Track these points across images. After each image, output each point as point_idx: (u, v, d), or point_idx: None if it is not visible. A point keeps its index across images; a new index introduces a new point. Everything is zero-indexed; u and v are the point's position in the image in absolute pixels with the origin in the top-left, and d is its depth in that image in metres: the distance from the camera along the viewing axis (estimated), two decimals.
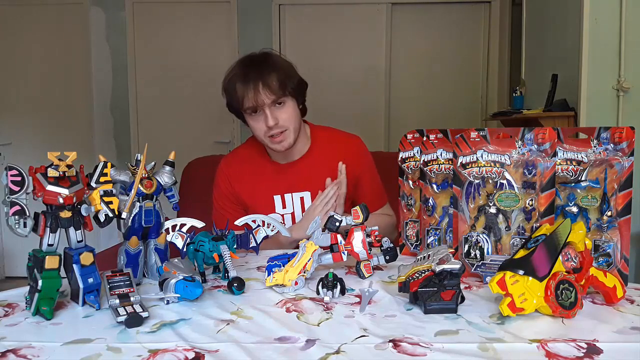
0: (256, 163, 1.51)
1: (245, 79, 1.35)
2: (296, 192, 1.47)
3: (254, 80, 1.34)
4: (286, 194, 1.47)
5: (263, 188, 1.48)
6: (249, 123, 1.42)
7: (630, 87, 2.26)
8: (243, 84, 1.35)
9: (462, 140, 1.02)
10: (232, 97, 1.38)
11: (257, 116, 1.38)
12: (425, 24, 3.87)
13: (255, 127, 1.40)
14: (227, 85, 1.40)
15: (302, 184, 1.47)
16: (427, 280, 0.83)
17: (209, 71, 3.88)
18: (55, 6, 3.88)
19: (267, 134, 1.38)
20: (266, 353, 0.68)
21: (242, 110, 1.39)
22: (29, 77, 3.94)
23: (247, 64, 1.40)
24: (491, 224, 1.00)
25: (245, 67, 1.39)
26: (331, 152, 1.50)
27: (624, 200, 0.94)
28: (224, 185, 1.52)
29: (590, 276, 0.84)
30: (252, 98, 1.34)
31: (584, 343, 0.69)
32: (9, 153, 3.94)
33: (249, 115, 1.39)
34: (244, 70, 1.37)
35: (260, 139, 1.42)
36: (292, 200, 1.47)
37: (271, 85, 1.34)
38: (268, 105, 1.35)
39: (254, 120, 1.39)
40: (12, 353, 0.69)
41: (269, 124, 1.35)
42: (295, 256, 0.98)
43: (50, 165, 0.83)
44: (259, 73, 1.35)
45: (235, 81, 1.37)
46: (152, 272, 1.03)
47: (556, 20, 2.68)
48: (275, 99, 1.36)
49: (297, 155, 1.49)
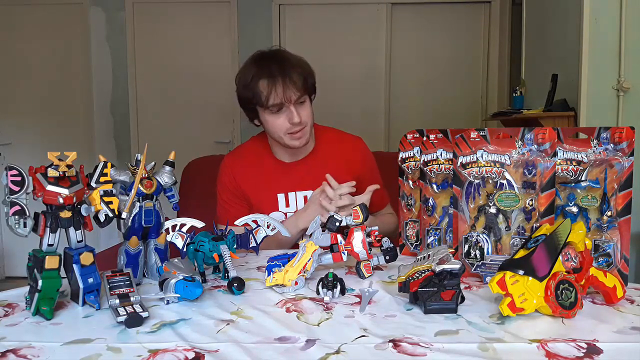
0: (261, 161, 1.51)
1: (271, 75, 1.34)
2: (300, 191, 1.47)
3: (281, 76, 1.33)
4: (290, 192, 1.47)
5: (267, 186, 1.48)
6: (266, 120, 1.40)
7: (630, 87, 2.26)
8: (269, 81, 1.34)
9: (462, 140, 1.02)
10: (255, 93, 1.36)
11: (280, 113, 1.37)
12: (425, 24, 3.87)
13: (275, 124, 1.39)
14: (249, 81, 1.36)
15: (306, 182, 1.47)
16: (427, 280, 0.83)
17: (209, 71, 3.89)
18: (55, 6, 3.88)
19: (288, 130, 1.38)
20: (266, 353, 0.68)
21: (265, 107, 1.36)
22: (29, 77, 3.94)
23: (268, 61, 1.39)
24: (491, 224, 1.00)
25: (267, 63, 1.37)
26: (335, 152, 1.51)
27: (624, 200, 0.94)
28: (228, 180, 1.51)
29: (590, 276, 0.84)
30: (280, 95, 1.33)
31: (584, 343, 0.69)
32: (9, 153, 3.94)
33: (270, 113, 1.37)
34: (268, 67, 1.36)
35: (278, 136, 1.41)
36: (296, 198, 1.47)
37: (297, 82, 1.35)
38: (293, 102, 1.35)
39: (276, 117, 1.38)
40: (12, 353, 0.69)
41: (294, 120, 1.35)
42: (295, 256, 0.98)
43: (50, 165, 0.83)
44: (283, 70, 1.35)
45: (259, 78, 1.35)
46: (152, 272, 1.03)
47: (556, 20, 2.68)
48: (300, 96, 1.36)
49: (303, 154, 1.50)
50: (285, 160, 1.50)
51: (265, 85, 1.34)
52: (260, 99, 1.35)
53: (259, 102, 1.36)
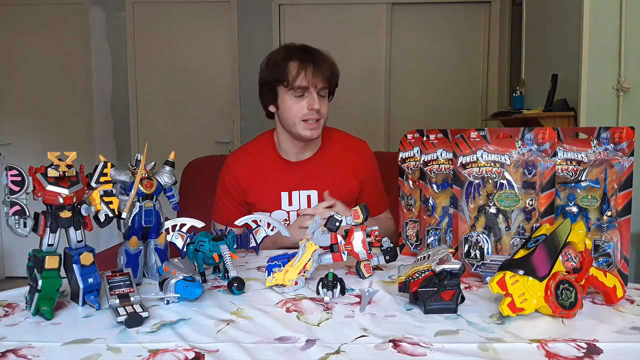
0: (266, 159, 1.51)
1: (304, 59, 1.39)
2: (303, 190, 1.47)
3: (312, 62, 1.39)
4: (294, 191, 1.47)
5: (271, 184, 1.48)
6: (285, 102, 1.41)
7: (630, 87, 2.26)
8: (301, 62, 1.38)
9: (462, 140, 1.02)
10: (282, 73, 1.38)
11: (302, 98, 1.39)
12: (425, 24, 3.87)
13: (294, 107, 1.40)
14: (280, 60, 1.40)
15: (310, 182, 1.47)
16: (427, 280, 0.83)
17: (209, 71, 3.89)
18: (55, 6, 3.87)
19: (304, 117, 1.39)
20: (266, 353, 0.68)
21: (288, 88, 1.39)
22: (29, 77, 3.94)
23: (301, 48, 1.44)
24: (491, 224, 1.00)
25: (300, 50, 1.43)
26: (341, 154, 1.52)
27: (624, 200, 0.94)
28: (228, 181, 1.51)
29: (590, 276, 0.84)
30: (308, 78, 1.37)
31: (584, 343, 0.69)
32: (9, 153, 3.94)
33: (293, 95, 1.39)
34: (300, 52, 1.41)
35: (292, 122, 1.41)
36: (299, 197, 1.47)
37: (324, 73, 1.40)
38: (317, 90, 1.38)
39: (296, 101, 1.40)
40: (12, 353, 0.69)
41: (315, 106, 1.37)
42: (295, 256, 0.98)
43: (50, 165, 0.83)
44: (315, 58, 1.41)
45: (290, 59, 1.39)
46: (152, 272, 1.03)
47: (556, 20, 2.68)
48: (324, 87, 1.40)
49: (309, 153, 1.50)
50: (291, 159, 1.50)
51: (296, 66, 1.38)
52: (288, 78, 1.38)
53: (285, 81, 1.38)
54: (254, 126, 3.74)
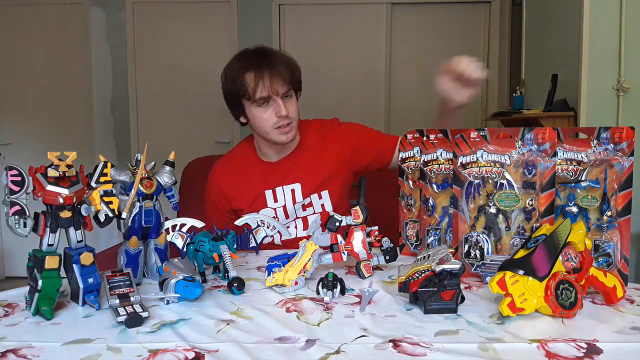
0: (247, 164, 1.51)
1: (258, 68, 1.33)
2: (287, 185, 1.47)
3: (268, 69, 1.33)
4: (277, 187, 1.47)
5: (254, 186, 1.48)
6: (253, 115, 1.39)
7: (630, 87, 2.26)
8: (256, 73, 1.33)
9: (462, 140, 1.02)
10: (241, 87, 1.35)
11: (267, 107, 1.36)
12: (425, 24, 3.87)
13: (262, 118, 1.37)
14: (236, 75, 1.36)
15: (292, 176, 1.47)
16: (427, 280, 0.83)
17: (209, 71, 3.86)
18: (55, 6, 3.88)
19: (275, 125, 1.37)
20: (266, 353, 0.68)
21: (251, 101, 1.36)
22: (29, 77, 3.94)
23: (254, 55, 1.39)
24: (491, 224, 1.00)
25: (254, 58, 1.37)
26: (318, 141, 1.51)
27: (624, 200, 0.94)
28: (214, 194, 1.52)
29: (590, 276, 0.84)
30: (267, 87, 1.33)
31: (584, 343, 0.69)
32: (9, 153, 3.94)
33: (258, 107, 1.36)
34: (254, 61, 1.36)
35: (265, 132, 1.40)
36: (284, 192, 1.47)
37: (283, 76, 1.34)
38: (280, 95, 1.35)
39: (263, 111, 1.37)
40: (12, 353, 0.69)
41: (282, 113, 1.34)
42: (295, 256, 0.98)
43: (50, 165, 0.83)
44: (270, 63, 1.34)
45: (245, 71, 1.35)
46: (152, 272, 1.03)
47: (556, 20, 2.68)
48: (286, 90, 1.36)
49: (288, 150, 1.50)
50: (272, 159, 1.50)
51: (252, 77, 1.33)
52: (247, 91, 1.34)
53: (245, 95, 1.35)
54: None
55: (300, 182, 1.47)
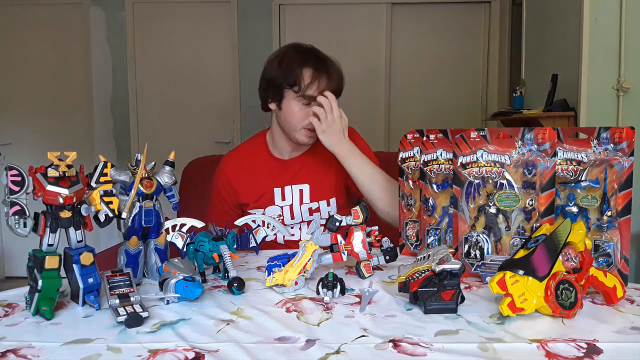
0: (258, 159, 1.52)
1: (318, 69, 1.36)
2: (296, 185, 1.47)
3: (326, 73, 1.37)
4: (286, 186, 1.48)
5: (263, 182, 1.48)
6: (291, 107, 1.39)
7: (630, 87, 2.26)
8: (316, 71, 1.36)
9: (462, 140, 1.02)
10: (295, 77, 1.36)
11: (309, 106, 1.37)
12: (425, 24, 3.87)
13: (298, 115, 1.38)
14: (294, 65, 1.37)
15: (301, 176, 1.48)
16: (427, 280, 0.83)
17: (209, 71, 3.89)
18: (55, 6, 3.88)
19: (307, 125, 1.38)
20: (266, 353, 0.68)
21: (297, 94, 1.37)
22: (29, 77, 3.94)
23: (314, 55, 1.41)
24: (491, 224, 1.00)
25: (314, 57, 1.40)
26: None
27: (624, 200, 0.94)
28: (221, 184, 1.52)
29: (590, 276, 0.84)
30: (319, 89, 1.35)
31: (584, 343, 0.69)
32: (9, 153, 3.94)
33: (300, 102, 1.37)
34: (315, 60, 1.38)
35: (293, 127, 1.40)
36: (292, 192, 1.47)
37: (335, 85, 1.38)
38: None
39: (302, 108, 1.38)
40: (12, 353, 0.69)
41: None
42: (295, 256, 0.98)
43: (50, 165, 0.83)
44: (328, 68, 1.38)
45: (305, 65, 1.36)
46: (152, 272, 1.03)
47: (556, 20, 2.68)
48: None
49: (302, 150, 1.51)
50: (283, 157, 1.51)
51: (310, 75, 1.36)
52: (300, 85, 1.35)
53: (296, 86, 1.36)
54: (254, 126, 3.72)
55: (309, 184, 1.47)
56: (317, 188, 1.47)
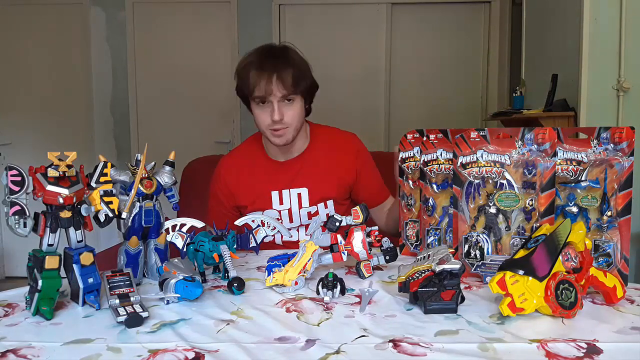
0: (255, 160, 1.52)
1: (261, 68, 1.34)
2: (294, 188, 1.47)
3: (269, 71, 1.34)
4: (284, 190, 1.47)
5: (261, 185, 1.48)
6: (253, 111, 1.41)
7: (630, 87, 2.26)
8: (258, 72, 1.34)
9: (462, 140, 1.02)
10: (244, 82, 1.37)
11: (264, 107, 1.37)
12: (425, 24, 3.87)
13: (259, 117, 1.40)
14: (242, 70, 1.39)
15: (300, 180, 1.47)
16: (427, 280, 0.83)
17: (209, 71, 3.89)
18: (55, 6, 3.88)
19: (269, 126, 1.38)
20: (266, 353, 0.68)
21: (250, 98, 1.38)
22: (29, 77, 3.94)
23: (265, 54, 1.40)
24: (491, 224, 1.00)
25: (263, 56, 1.39)
26: (329, 149, 1.51)
27: (624, 200, 0.94)
28: (218, 187, 1.52)
29: (590, 276, 0.84)
30: (263, 88, 1.33)
31: (584, 343, 0.69)
32: (9, 153, 3.94)
33: (256, 104, 1.39)
34: (261, 60, 1.37)
35: (262, 130, 1.42)
36: (290, 196, 1.47)
37: (285, 80, 1.34)
38: (277, 99, 1.35)
39: (260, 110, 1.38)
40: (12, 353, 0.69)
41: (274, 117, 1.35)
42: (295, 256, 0.98)
43: (50, 165, 0.83)
44: (275, 65, 1.35)
45: (250, 68, 1.36)
46: (152, 272, 1.03)
47: (556, 20, 2.67)
48: (286, 95, 1.35)
49: (296, 152, 1.50)
50: (279, 159, 1.50)
51: (255, 75, 1.35)
52: (248, 87, 1.36)
53: (246, 90, 1.38)
54: (254, 126, 3.73)
55: (307, 187, 1.47)
56: (316, 192, 1.47)
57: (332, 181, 1.48)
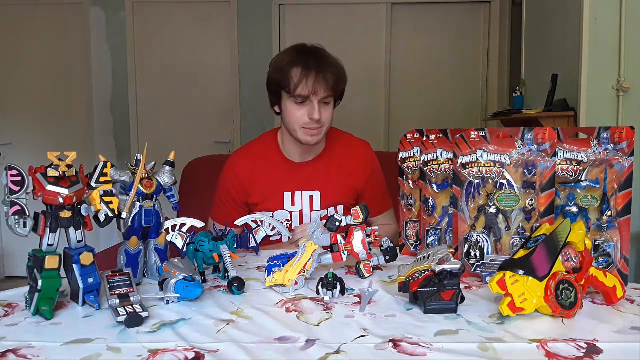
0: (269, 159, 1.51)
1: (307, 66, 1.35)
2: (306, 191, 1.47)
3: (316, 70, 1.35)
4: (297, 191, 1.47)
5: (274, 184, 1.48)
6: (287, 108, 1.40)
7: (630, 87, 2.26)
8: (304, 70, 1.35)
9: (462, 140, 1.02)
10: (285, 78, 1.36)
11: (303, 106, 1.38)
12: (425, 24, 3.87)
13: (294, 114, 1.39)
14: (284, 65, 1.38)
15: (313, 183, 1.47)
16: (427, 280, 0.83)
17: (209, 71, 3.89)
18: (55, 6, 3.87)
19: (305, 125, 1.38)
20: (266, 353, 0.68)
21: (290, 95, 1.37)
22: (29, 77, 3.94)
23: (308, 53, 1.41)
24: (491, 224, 1.00)
25: (306, 55, 1.39)
26: (343, 155, 1.52)
27: (624, 200, 0.94)
28: (230, 182, 1.51)
29: (590, 276, 0.84)
30: (309, 87, 1.34)
31: (584, 343, 0.69)
32: (9, 153, 3.94)
33: (294, 102, 1.38)
34: (305, 58, 1.38)
35: (293, 128, 1.41)
36: (302, 198, 1.47)
37: (328, 81, 1.36)
38: (319, 99, 1.36)
39: (297, 107, 1.38)
40: (12, 353, 0.69)
41: (314, 116, 1.36)
42: (295, 256, 0.98)
43: (50, 165, 0.83)
44: (320, 65, 1.36)
45: (294, 64, 1.37)
46: (152, 272, 1.03)
47: (556, 20, 2.67)
48: (327, 96, 1.37)
49: (312, 155, 1.50)
50: (295, 160, 1.50)
51: (298, 73, 1.35)
52: (289, 85, 1.36)
53: (287, 87, 1.37)
54: (254, 126, 3.74)
55: (320, 191, 1.47)
56: (327, 195, 1.47)
57: (343, 187, 1.48)
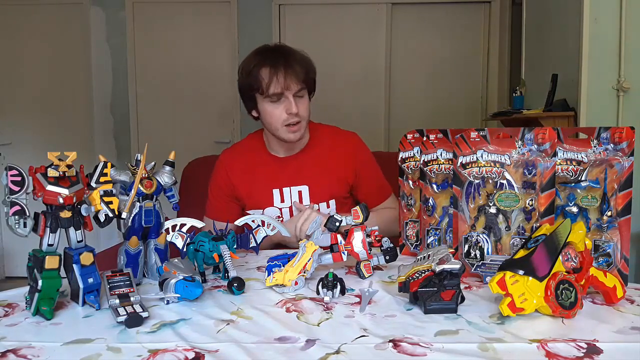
0: (256, 156, 1.52)
1: (275, 64, 1.36)
2: (295, 186, 1.48)
3: (284, 66, 1.36)
4: (285, 187, 1.48)
5: (262, 181, 1.49)
6: (265, 110, 1.41)
7: (630, 87, 2.26)
8: (272, 68, 1.36)
9: (462, 140, 1.02)
10: (256, 80, 1.37)
11: (279, 103, 1.38)
12: (425, 24, 3.87)
13: (273, 114, 1.39)
14: (251, 69, 1.38)
15: (300, 177, 1.48)
16: (427, 280, 0.83)
17: (209, 71, 3.89)
18: (55, 6, 3.87)
19: (285, 122, 1.39)
20: (266, 353, 0.68)
21: (264, 96, 1.38)
22: (29, 77, 3.94)
23: (272, 52, 1.42)
24: (491, 224, 1.00)
25: (271, 54, 1.40)
26: (330, 147, 1.52)
27: (624, 200, 0.94)
28: (220, 177, 1.53)
29: (590, 276, 0.84)
30: (280, 83, 1.35)
31: (584, 343, 0.69)
32: (9, 153, 3.94)
33: (270, 102, 1.39)
34: (271, 57, 1.38)
35: (274, 128, 1.42)
36: (291, 194, 1.48)
37: (298, 74, 1.37)
38: (292, 93, 1.37)
39: (274, 106, 1.39)
40: (12, 353, 0.69)
41: (292, 110, 1.36)
42: (295, 256, 0.98)
43: (50, 165, 0.83)
44: (287, 60, 1.37)
45: (262, 65, 1.37)
46: (152, 272, 1.03)
47: (556, 20, 2.67)
48: (300, 88, 1.38)
49: (297, 149, 1.51)
50: (279, 155, 1.51)
51: (267, 72, 1.36)
52: (261, 86, 1.36)
53: (259, 88, 1.37)
54: (254, 126, 3.72)
55: (308, 185, 1.47)
56: (316, 189, 1.47)
57: (332, 180, 1.48)
